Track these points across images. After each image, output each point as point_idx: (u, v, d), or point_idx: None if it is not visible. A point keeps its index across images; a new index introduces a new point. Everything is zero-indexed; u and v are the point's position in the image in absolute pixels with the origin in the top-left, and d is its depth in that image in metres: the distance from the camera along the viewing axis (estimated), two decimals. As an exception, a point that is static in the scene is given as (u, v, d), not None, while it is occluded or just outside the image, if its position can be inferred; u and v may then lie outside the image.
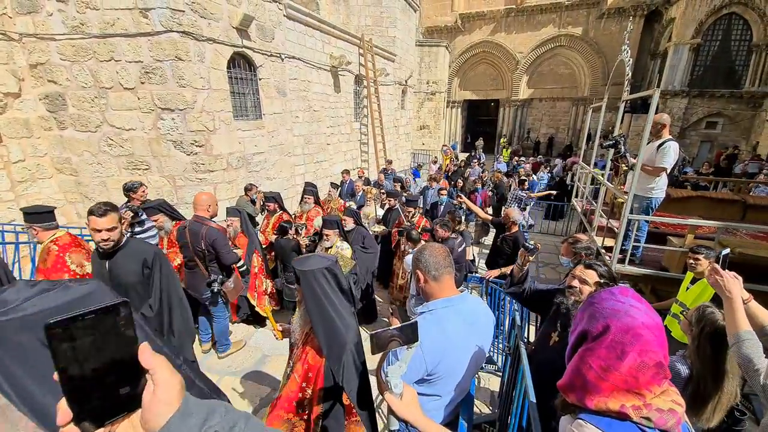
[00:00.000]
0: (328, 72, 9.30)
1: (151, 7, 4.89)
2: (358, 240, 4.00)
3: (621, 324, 0.81)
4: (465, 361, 1.40)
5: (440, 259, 1.40)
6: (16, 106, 5.34)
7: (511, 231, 4.08)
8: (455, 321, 1.36)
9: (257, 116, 6.95)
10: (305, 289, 1.54)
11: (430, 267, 1.40)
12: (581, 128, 18.53)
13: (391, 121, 13.34)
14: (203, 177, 5.82)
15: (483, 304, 1.58)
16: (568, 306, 1.75)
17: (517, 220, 4.07)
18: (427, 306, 1.42)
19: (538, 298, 2.03)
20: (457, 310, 1.39)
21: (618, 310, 0.83)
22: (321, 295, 1.53)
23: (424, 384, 1.35)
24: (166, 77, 5.20)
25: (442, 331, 1.32)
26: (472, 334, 1.40)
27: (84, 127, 5.52)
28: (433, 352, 1.28)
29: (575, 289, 1.72)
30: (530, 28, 18.23)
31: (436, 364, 1.30)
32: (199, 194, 3.33)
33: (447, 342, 1.32)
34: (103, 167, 5.69)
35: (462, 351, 1.38)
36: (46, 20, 5.12)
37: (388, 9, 12.59)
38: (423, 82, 17.35)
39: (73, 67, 5.26)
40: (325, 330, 1.54)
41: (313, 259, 1.65)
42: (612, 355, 0.81)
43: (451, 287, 1.43)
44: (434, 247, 1.44)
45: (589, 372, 0.83)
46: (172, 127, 5.44)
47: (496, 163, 12.74)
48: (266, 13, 6.73)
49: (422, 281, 1.44)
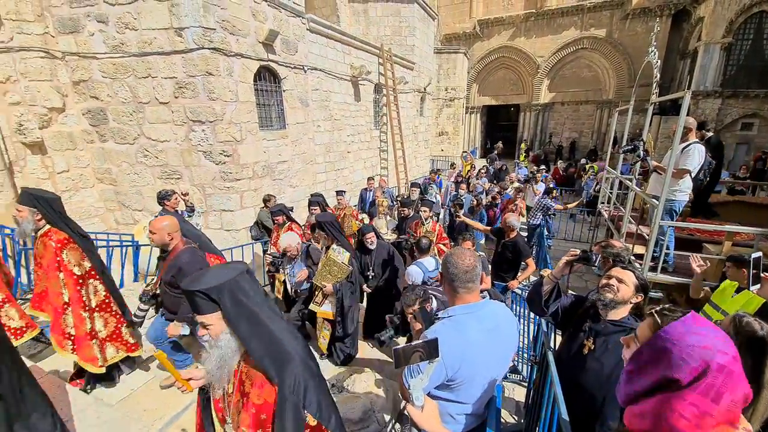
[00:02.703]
0: (348, 82, 9.50)
1: (185, 26, 5.19)
2: (381, 254, 3.93)
3: (715, 364, 0.73)
4: (487, 367, 1.39)
5: (466, 266, 1.39)
6: (61, 121, 5.76)
7: (510, 236, 4.07)
8: (476, 327, 1.36)
9: (281, 126, 7.18)
10: (229, 305, 1.15)
11: (453, 273, 1.40)
12: (606, 132, 18.00)
13: (410, 128, 13.42)
14: (231, 185, 6.06)
15: (505, 310, 1.57)
16: (604, 301, 1.70)
17: (514, 225, 4.06)
18: (447, 312, 1.43)
19: (569, 313, 1.94)
20: (478, 316, 1.39)
21: (707, 347, 0.74)
22: (250, 305, 1.19)
23: (446, 389, 1.36)
24: (198, 91, 5.48)
25: (462, 337, 1.33)
26: (493, 340, 1.40)
27: (123, 139, 5.89)
28: (452, 358, 1.28)
29: (613, 287, 1.68)
30: (551, 32, 17.97)
31: (456, 369, 1.30)
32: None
33: (467, 348, 1.32)
34: (139, 177, 6.03)
35: (484, 357, 1.37)
36: (87, 40, 5.52)
37: (407, 19, 12.77)
38: (442, 88, 17.39)
39: (113, 84, 5.64)
40: (269, 347, 1.18)
41: (216, 270, 1.26)
42: (706, 400, 0.73)
43: (470, 297, 1.42)
44: (462, 254, 1.44)
45: (679, 421, 0.75)
46: (202, 138, 5.71)
47: (518, 169, 12.55)
48: (290, 27, 6.98)
49: (445, 285, 1.46)
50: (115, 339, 2.89)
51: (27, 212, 2.49)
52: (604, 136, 18.14)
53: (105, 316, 2.84)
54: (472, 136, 21.41)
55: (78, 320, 2.69)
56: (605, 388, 1.71)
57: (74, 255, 2.62)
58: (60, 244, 2.56)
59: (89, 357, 2.74)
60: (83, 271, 2.68)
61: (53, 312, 2.68)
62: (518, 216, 4.85)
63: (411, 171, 12.46)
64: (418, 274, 3.07)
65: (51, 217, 2.57)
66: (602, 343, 1.76)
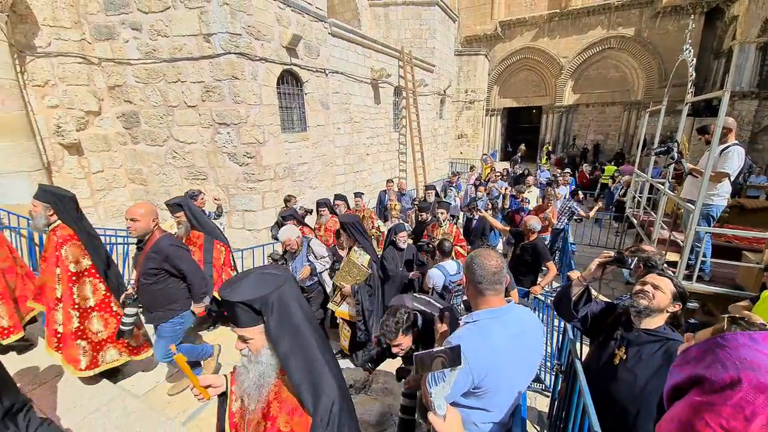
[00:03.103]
0: (368, 84, 9.57)
1: (213, 32, 5.37)
2: (408, 255, 3.89)
3: (757, 382, 0.68)
4: (513, 374, 1.35)
5: (491, 269, 1.35)
6: (97, 123, 6.07)
7: (530, 239, 3.97)
8: (501, 332, 1.31)
9: (302, 128, 7.30)
10: (274, 319, 1.05)
11: (477, 276, 1.35)
12: (634, 134, 17.32)
13: (429, 130, 13.36)
14: (253, 186, 6.20)
15: (531, 314, 1.52)
16: (638, 308, 1.61)
17: (534, 227, 3.94)
18: (471, 316, 1.39)
19: (598, 320, 1.85)
20: (503, 321, 1.34)
21: (757, 363, 0.69)
22: (295, 320, 1.09)
23: (472, 397, 1.32)
24: (224, 95, 5.65)
25: (488, 343, 1.29)
26: (519, 346, 1.35)
27: (153, 141, 6.14)
28: (478, 365, 1.24)
29: (648, 294, 1.60)
30: (576, 32, 17.49)
31: (482, 377, 1.26)
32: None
33: (493, 354, 1.28)
34: (167, 177, 6.27)
35: (510, 364, 1.32)
36: (122, 46, 5.79)
37: (428, 21, 12.75)
38: (461, 91, 17.23)
39: (146, 89, 5.89)
40: (309, 371, 1.07)
41: (257, 277, 1.14)
42: (739, 416, 0.69)
43: (496, 300, 1.37)
44: (488, 255, 1.39)
45: (705, 430, 0.72)
46: (227, 140, 5.87)
47: (540, 173, 12.24)
48: (313, 31, 7.11)
49: (470, 288, 1.42)
50: (119, 341, 2.78)
51: (41, 207, 2.52)
52: (632, 138, 17.45)
53: (105, 317, 2.75)
54: (492, 139, 21.08)
55: (66, 318, 2.63)
56: (638, 401, 1.62)
57: (74, 251, 2.58)
58: (62, 240, 2.55)
59: (72, 357, 2.66)
60: (80, 268, 2.62)
61: (47, 307, 2.70)
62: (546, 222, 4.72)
63: (429, 174, 12.38)
64: (440, 277, 3.02)
65: (62, 214, 2.57)
66: (635, 353, 1.67)
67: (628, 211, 6.32)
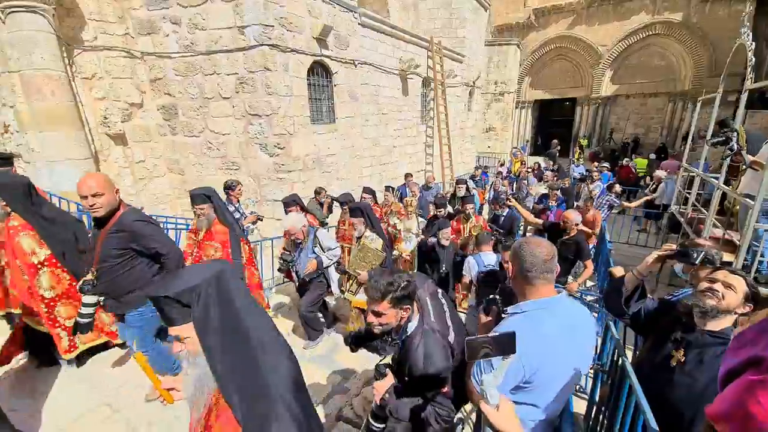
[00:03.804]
0: (397, 76, 9.46)
1: (247, 24, 5.47)
2: (450, 254, 3.83)
3: None
4: (565, 369, 1.28)
5: (541, 257, 1.28)
6: (140, 115, 6.37)
7: (571, 234, 3.76)
8: (552, 324, 1.25)
9: (331, 120, 7.34)
10: (199, 311, 0.92)
11: (527, 264, 1.29)
12: (679, 127, 16.18)
13: (457, 123, 13.08)
14: (283, 177, 6.31)
15: (581, 307, 1.44)
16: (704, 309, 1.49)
17: (577, 221, 3.72)
18: (519, 307, 1.32)
19: (653, 318, 1.72)
20: (554, 312, 1.28)
21: None
22: (226, 313, 0.94)
23: (520, 391, 1.27)
24: (257, 86, 5.76)
25: (540, 335, 1.23)
26: (572, 340, 1.28)
27: (190, 132, 6.38)
28: (531, 357, 1.19)
29: (717, 293, 1.47)
30: (617, 18, 16.45)
31: (534, 371, 1.21)
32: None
33: (545, 346, 1.22)
34: (203, 167, 6.51)
35: (563, 358, 1.26)
36: (163, 40, 6.02)
37: (458, 10, 12.42)
38: (491, 82, 16.71)
39: (184, 81, 6.11)
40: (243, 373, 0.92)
41: (190, 270, 1.05)
42: None
43: (546, 289, 1.31)
44: (540, 242, 1.33)
45: (755, 407, 0.69)
46: (259, 132, 6.00)
47: (574, 167, 11.73)
48: (343, 22, 7.08)
49: (513, 276, 1.36)
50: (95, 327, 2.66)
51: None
52: (676, 132, 16.33)
53: (75, 304, 2.58)
54: (522, 133, 20.36)
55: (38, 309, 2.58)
56: (695, 407, 1.50)
57: (28, 242, 2.45)
58: (14, 231, 2.43)
59: (62, 349, 2.65)
60: (38, 259, 2.48)
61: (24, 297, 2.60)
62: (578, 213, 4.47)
63: (456, 168, 12.16)
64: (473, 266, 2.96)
65: (13, 204, 2.45)
66: (696, 355, 1.54)
67: (673, 208, 5.92)
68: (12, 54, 4.70)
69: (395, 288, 1.40)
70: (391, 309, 1.43)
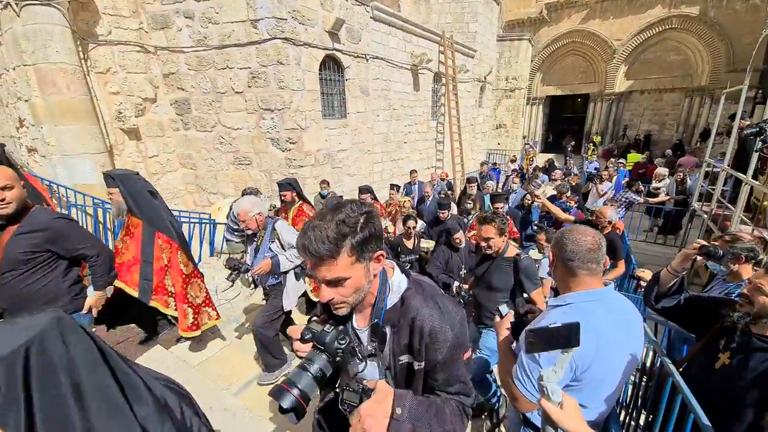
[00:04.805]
0: (408, 71, 9.35)
1: (260, 17, 5.42)
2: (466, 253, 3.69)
3: None
4: (618, 366, 1.20)
5: (585, 245, 1.20)
6: (153, 110, 6.37)
7: (606, 231, 3.60)
8: (606, 317, 1.17)
9: (342, 115, 7.27)
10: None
11: (568, 253, 1.21)
12: (696, 123, 15.78)
13: (468, 119, 12.92)
14: (294, 172, 6.27)
15: (629, 302, 1.36)
16: (737, 320, 1.41)
17: (613, 219, 3.58)
18: (564, 299, 1.24)
19: (700, 310, 1.61)
20: (606, 305, 1.19)
21: None
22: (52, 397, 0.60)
23: (569, 390, 1.19)
24: (269, 80, 5.71)
25: (593, 330, 1.13)
26: (625, 336, 1.20)
27: (203, 127, 6.37)
28: (583, 353, 1.10)
29: (757, 300, 1.37)
30: (632, 11, 16.07)
31: (586, 368, 1.12)
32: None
33: (599, 342, 1.13)
34: (215, 162, 6.50)
35: (616, 355, 1.18)
36: (176, 35, 6.00)
37: (470, 4, 12.23)
38: (502, 78, 16.48)
39: (197, 76, 6.09)
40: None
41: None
42: None
43: (592, 281, 1.22)
44: (585, 230, 1.24)
45: None
46: (271, 126, 5.96)
47: (587, 163, 11.51)
48: (355, 16, 7.00)
49: (558, 268, 1.28)
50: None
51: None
52: (693, 128, 15.94)
53: None
54: (533, 130, 20.08)
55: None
56: (734, 413, 1.41)
57: None
58: None
59: None
60: None
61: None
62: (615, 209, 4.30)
63: (466, 164, 12.01)
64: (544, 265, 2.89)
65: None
66: (742, 359, 1.44)
67: (696, 204, 5.74)
68: (27, 47, 4.71)
69: (351, 226, 0.84)
70: (356, 264, 0.86)
